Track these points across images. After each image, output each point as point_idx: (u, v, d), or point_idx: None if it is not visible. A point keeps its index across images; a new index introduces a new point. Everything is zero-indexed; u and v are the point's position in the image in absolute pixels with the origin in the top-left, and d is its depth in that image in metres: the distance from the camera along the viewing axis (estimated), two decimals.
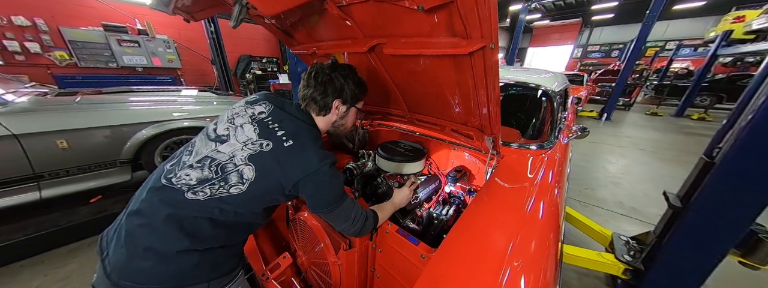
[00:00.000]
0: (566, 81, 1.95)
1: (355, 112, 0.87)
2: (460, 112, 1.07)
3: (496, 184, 1.01)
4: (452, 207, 1.36)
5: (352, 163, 1.38)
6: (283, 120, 0.70)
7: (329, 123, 0.82)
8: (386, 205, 0.97)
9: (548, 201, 0.94)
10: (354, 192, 1.01)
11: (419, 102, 1.22)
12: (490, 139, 1.09)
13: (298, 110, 0.76)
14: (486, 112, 0.91)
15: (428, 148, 1.62)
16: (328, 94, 0.75)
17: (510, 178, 1.06)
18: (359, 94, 0.82)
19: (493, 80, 0.74)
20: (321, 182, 0.65)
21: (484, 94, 0.81)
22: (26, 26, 3.92)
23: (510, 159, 1.21)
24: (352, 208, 0.75)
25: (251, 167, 0.63)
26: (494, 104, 0.84)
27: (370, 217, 0.81)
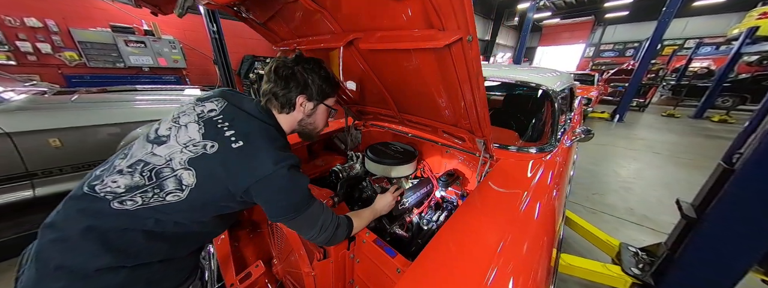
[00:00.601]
0: (571, 80, 1.83)
1: (326, 110, 0.80)
2: (448, 112, 1.00)
3: (488, 188, 0.93)
4: (444, 212, 1.28)
5: (338, 166, 1.32)
6: (235, 118, 0.63)
7: (295, 122, 0.75)
8: (365, 211, 0.90)
9: (545, 203, 0.86)
10: (334, 197, 0.95)
11: (408, 101, 1.15)
12: (482, 141, 1.01)
13: (257, 108, 0.69)
14: (474, 113, 0.84)
15: (421, 150, 1.55)
16: (290, 89, 0.69)
17: (504, 182, 0.98)
18: (328, 90, 0.75)
19: (476, 78, 0.67)
20: (277, 188, 0.59)
21: (470, 93, 0.74)
22: (38, 27, 4.04)
23: (506, 163, 1.13)
24: (319, 215, 0.68)
25: (191, 172, 0.57)
26: (481, 104, 0.77)
27: (343, 225, 0.74)
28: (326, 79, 0.74)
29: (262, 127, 0.65)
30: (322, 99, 0.76)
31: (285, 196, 0.61)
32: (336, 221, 0.73)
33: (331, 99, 0.80)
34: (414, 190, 1.32)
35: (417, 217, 1.25)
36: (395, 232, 1.14)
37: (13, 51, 3.95)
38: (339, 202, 0.97)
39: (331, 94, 0.78)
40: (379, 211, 0.96)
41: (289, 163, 0.60)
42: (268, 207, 0.62)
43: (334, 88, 0.78)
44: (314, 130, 0.81)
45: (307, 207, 0.65)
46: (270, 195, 0.60)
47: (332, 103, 0.81)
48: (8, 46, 3.90)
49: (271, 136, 0.63)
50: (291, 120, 0.75)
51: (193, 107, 0.66)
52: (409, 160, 1.31)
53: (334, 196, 0.95)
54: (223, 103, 0.66)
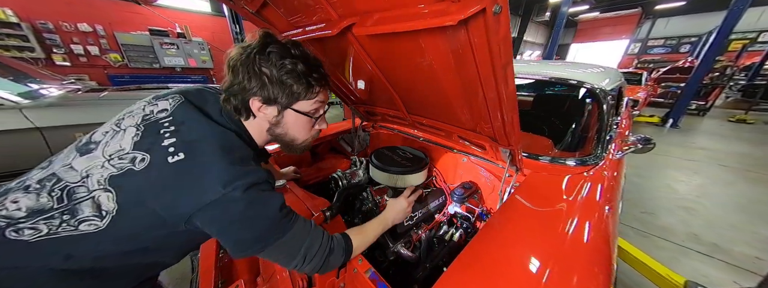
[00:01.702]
0: (620, 77, 1.52)
1: (302, 119, 0.58)
2: (466, 115, 0.81)
3: (520, 206, 0.75)
4: (458, 230, 1.09)
5: (339, 171, 1.19)
6: (185, 122, 0.50)
7: (263, 130, 0.58)
8: (370, 225, 0.72)
9: (595, 226, 0.67)
10: (327, 211, 0.81)
11: (417, 101, 0.98)
12: (507, 151, 0.81)
13: (221, 110, 0.56)
14: (499, 116, 0.65)
15: (433, 156, 1.36)
16: (246, 88, 0.50)
17: (537, 200, 0.78)
18: (298, 90, 0.53)
19: (504, 69, 0.49)
20: (231, 216, 0.45)
21: (494, 90, 0.56)
22: (88, 32, 4.49)
23: (538, 177, 0.91)
24: (302, 240, 0.53)
25: (111, 194, 0.44)
26: (509, 106, 0.58)
27: (337, 249, 0.59)
28: (294, 74, 0.51)
29: (218, 134, 0.50)
30: (290, 103, 0.54)
31: (244, 226, 0.46)
32: (328, 245, 0.57)
33: (308, 102, 0.56)
34: (428, 201, 1.15)
35: (426, 235, 1.07)
36: (399, 252, 0.98)
37: (68, 53, 4.43)
38: (333, 216, 0.83)
39: (304, 95, 0.54)
40: (391, 221, 0.79)
41: (247, 182, 0.45)
42: (224, 241, 0.47)
43: (311, 88, 0.55)
44: (292, 142, 0.62)
45: (281, 234, 0.50)
46: (223, 226, 0.46)
47: (310, 108, 0.57)
48: (64, 48, 4.41)
49: (227, 146, 0.48)
50: (256, 128, 0.58)
51: (143, 107, 0.54)
52: (419, 168, 1.14)
53: (326, 211, 0.81)
54: (177, 102, 0.53)
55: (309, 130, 0.62)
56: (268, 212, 0.49)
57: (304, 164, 1.43)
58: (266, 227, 0.48)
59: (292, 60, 0.50)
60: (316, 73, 0.55)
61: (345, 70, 1.06)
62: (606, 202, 0.80)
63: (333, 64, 1.06)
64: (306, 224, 0.56)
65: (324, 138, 1.52)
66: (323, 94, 0.60)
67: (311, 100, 0.57)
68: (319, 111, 0.61)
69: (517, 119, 0.64)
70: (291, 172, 1.11)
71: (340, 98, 1.34)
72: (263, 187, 0.49)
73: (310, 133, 0.64)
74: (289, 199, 0.91)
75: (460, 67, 0.60)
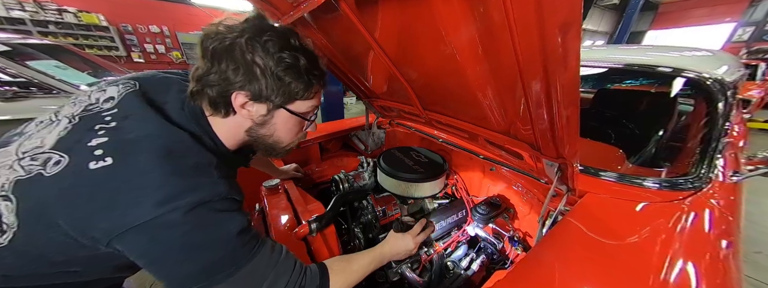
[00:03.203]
0: (740, 66, 1.07)
1: (294, 120, 0.48)
2: (496, 113, 0.60)
3: (574, 236, 0.55)
4: (480, 256, 0.88)
5: (342, 173, 1.06)
6: (129, 117, 0.40)
7: (240, 130, 0.47)
8: (361, 258, 0.58)
9: (708, 271, 0.46)
10: (313, 223, 0.68)
11: (432, 94, 0.79)
12: (555, 165, 0.58)
13: (184, 103, 0.44)
14: (546, 118, 0.44)
15: (454, 161, 1.14)
16: (230, 80, 0.40)
17: (602, 232, 0.55)
18: (299, 91, 0.44)
19: (561, 32, 0.28)
20: (164, 244, 0.35)
21: (543, 80, 0.35)
22: (157, 33, 5.17)
23: (598, 201, 0.65)
24: (264, 275, 0.41)
25: (10, 204, 0.35)
26: (567, 100, 0.38)
27: (311, 283, 0.46)
28: (295, 69, 0.41)
29: (165, 135, 0.39)
30: (285, 102, 0.44)
31: (184, 257, 0.36)
32: (297, 282, 0.45)
33: (305, 102, 0.46)
34: (441, 214, 0.95)
35: (438, 257, 0.89)
36: (404, 274, 0.81)
37: (142, 51, 5.20)
38: (320, 229, 0.70)
39: (302, 94, 0.45)
40: (389, 257, 0.64)
41: (193, 199, 0.35)
42: (155, 274, 0.37)
43: (311, 86, 0.45)
44: (277, 144, 0.50)
45: (236, 268, 0.39)
46: (154, 257, 0.36)
47: (306, 109, 0.48)
48: (139, 47, 5.20)
49: (174, 151, 0.38)
50: (232, 127, 0.46)
51: (90, 94, 0.44)
52: (435, 175, 0.95)
53: (313, 222, 0.69)
54: (128, 90, 0.43)
55: (298, 132, 0.52)
56: (221, 239, 0.38)
57: (312, 161, 1.34)
58: (216, 259, 0.37)
59: (292, 52, 0.41)
60: (317, 70, 0.46)
61: (354, 58, 0.92)
62: (721, 242, 0.52)
63: (340, 52, 0.92)
64: (273, 254, 0.44)
65: (336, 133, 1.41)
66: (319, 95, 0.50)
67: (309, 100, 0.47)
68: (313, 113, 0.51)
69: (576, 120, 0.41)
70: (291, 171, 1.02)
71: (353, 91, 1.20)
72: (219, 205, 0.38)
73: (297, 136, 0.53)
74: (276, 202, 0.80)
75: (489, 42, 0.40)
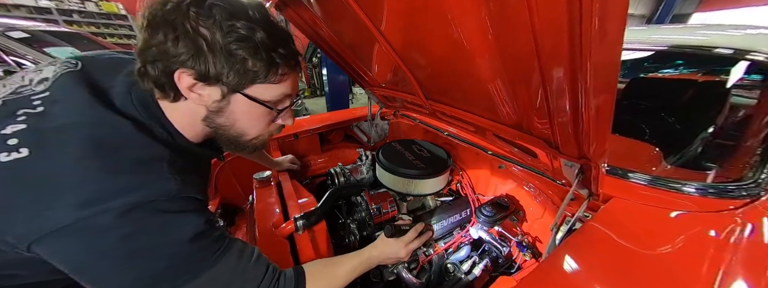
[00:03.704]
0: None
1: (258, 110, 0.40)
2: (507, 105, 0.51)
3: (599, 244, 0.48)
4: (484, 261, 0.82)
5: (339, 166, 1.01)
6: (59, 102, 0.34)
7: (196, 118, 0.40)
8: (346, 261, 0.53)
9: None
10: (300, 220, 0.64)
11: (437, 82, 0.70)
12: (576, 166, 0.49)
13: (132, 87, 0.38)
14: (569, 111, 0.35)
15: (460, 157, 1.06)
16: (169, 54, 0.33)
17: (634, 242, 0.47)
18: (257, 71, 0.36)
19: (606, 9, 0.19)
20: (93, 250, 0.30)
21: (566, 55, 0.27)
22: None
23: (628, 208, 0.55)
24: (228, 282, 0.38)
25: None
26: (601, 87, 0.29)
27: None
28: (249, 43, 0.34)
29: (98, 123, 0.33)
30: (240, 85, 0.36)
31: (121, 265, 0.31)
32: (270, 286, 0.41)
33: (268, 86, 0.38)
34: (442, 213, 0.89)
35: (438, 258, 0.83)
36: (400, 274, 0.77)
37: None
38: (308, 226, 0.65)
39: (263, 75, 0.37)
40: (378, 262, 0.58)
41: (130, 200, 0.30)
42: (87, 282, 0.32)
43: (274, 67, 0.37)
44: (241, 137, 0.43)
45: (191, 275, 0.35)
46: (82, 263, 0.31)
47: (271, 97, 0.40)
48: None
49: (108, 143, 0.32)
50: (186, 115, 0.39)
51: (24, 74, 0.39)
52: (437, 172, 0.87)
53: (300, 219, 0.64)
54: (64, 70, 0.38)
55: (266, 124, 0.43)
56: (168, 245, 0.33)
57: (311, 152, 1.30)
58: (161, 267, 0.33)
59: (247, 23, 0.33)
60: (282, 48, 0.37)
61: (352, 42, 0.83)
62: None
63: (337, 35, 0.84)
64: (240, 260, 0.40)
65: (337, 124, 1.35)
66: (292, 79, 0.41)
67: (274, 84, 0.39)
68: (284, 102, 0.43)
69: (609, 112, 0.32)
70: (286, 162, 0.98)
71: (354, 79, 1.13)
72: (166, 205, 0.33)
73: (268, 129, 0.45)
74: (265, 196, 0.76)
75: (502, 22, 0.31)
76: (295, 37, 0.41)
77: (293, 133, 1.21)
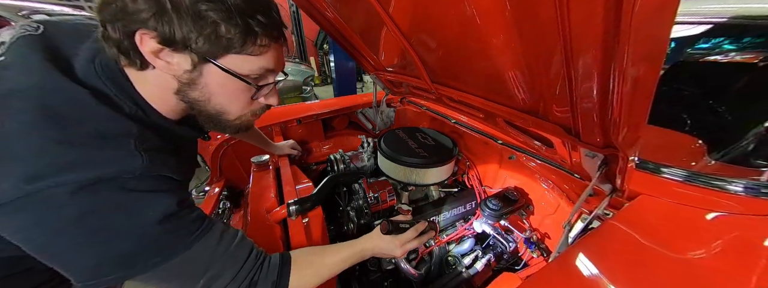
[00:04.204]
0: None
1: (235, 85, 0.36)
2: (522, 86, 0.45)
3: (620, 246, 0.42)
4: (487, 256, 0.78)
5: (339, 153, 0.97)
6: (11, 67, 0.31)
7: (169, 93, 0.36)
8: (336, 252, 0.50)
9: None
10: (292, 205, 0.61)
11: (444, 64, 0.63)
12: (598, 157, 0.43)
13: (97, 55, 0.34)
14: (595, 93, 0.29)
15: (468, 146, 0.99)
16: (128, 10, 0.29)
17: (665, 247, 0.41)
18: (232, 38, 0.32)
19: None
20: (45, 228, 0.28)
21: (600, 24, 0.20)
22: None
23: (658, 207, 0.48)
24: (205, 265, 0.36)
25: None
26: (643, 55, 0.22)
27: (264, 282, 0.40)
28: (222, 6, 0.30)
29: (51, 90, 0.30)
30: (212, 53, 0.32)
31: (81, 245, 0.29)
32: (250, 275, 0.39)
33: (246, 58, 0.34)
34: (446, 205, 0.85)
35: (439, 250, 0.80)
36: (398, 264, 0.75)
37: None
38: (303, 212, 0.63)
39: (239, 44, 0.32)
40: (370, 254, 0.54)
41: (85, 176, 0.28)
42: (49, 261, 0.30)
43: (252, 36, 0.33)
44: (221, 115, 0.39)
45: (161, 259, 0.33)
46: (38, 240, 0.29)
47: (250, 70, 0.35)
48: None
49: (62, 113, 0.29)
50: (157, 87, 0.35)
51: None
52: (442, 161, 0.82)
53: (293, 204, 0.62)
54: (23, 33, 0.34)
55: (247, 102, 0.39)
56: (134, 226, 0.31)
57: (314, 138, 1.27)
58: (128, 249, 0.31)
59: None
60: (262, 16, 0.33)
61: (356, 22, 0.77)
62: None
63: (340, 14, 0.77)
64: (220, 243, 0.38)
65: (342, 110, 1.31)
66: (275, 53, 0.37)
67: (252, 56, 0.34)
68: (266, 78, 0.38)
69: (649, 91, 0.26)
70: (286, 147, 0.96)
71: (358, 63, 1.07)
72: (132, 184, 0.30)
73: (250, 108, 0.41)
74: (261, 180, 0.75)
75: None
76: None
77: (296, 119, 1.18)
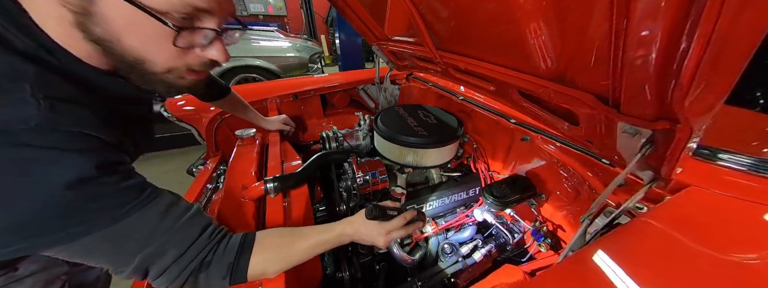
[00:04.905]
0: None
1: (148, 23, 0.26)
2: (547, 47, 0.34)
3: (670, 247, 0.32)
4: (488, 246, 0.71)
5: (333, 130, 0.90)
6: None
7: (65, 24, 0.27)
8: (313, 233, 0.44)
9: None
10: (270, 182, 0.55)
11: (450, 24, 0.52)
12: (645, 134, 0.32)
13: None
14: (659, 38, 0.18)
15: (476, 126, 0.88)
16: None
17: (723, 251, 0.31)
18: None
19: None
20: None
21: None
22: None
23: (712, 202, 0.37)
24: (144, 240, 0.31)
25: None
26: None
27: (217, 264, 0.35)
28: None
29: None
30: None
31: None
32: (201, 253, 0.34)
33: None
34: (446, 190, 0.77)
35: (437, 237, 0.74)
36: (391, 250, 0.70)
37: None
38: (279, 190, 0.56)
39: None
40: (350, 240, 0.48)
41: None
42: None
43: None
44: (140, 64, 0.30)
45: (83, 230, 0.28)
46: None
47: (175, 7, 0.27)
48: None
49: None
50: (53, 18, 0.27)
51: None
52: (443, 141, 0.73)
53: (271, 181, 0.56)
54: None
55: (176, 52, 0.30)
56: (38, 188, 0.25)
57: (312, 116, 1.20)
58: (32, 213, 0.26)
59: None
60: None
61: None
62: None
63: None
64: (166, 216, 0.33)
65: (342, 85, 1.22)
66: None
67: None
68: (199, 21, 0.30)
69: (756, 40, 0.15)
70: (277, 122, 0.89)
71: (360, 33, 0.96)
72: (27, 137, 0.25)
73: (184, 60, 0.32)
74: (243, 155, 0.69)
75: None
76: None
77: (292, 93, 1.11)
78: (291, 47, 2.86)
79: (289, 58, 2.78)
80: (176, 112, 0.94)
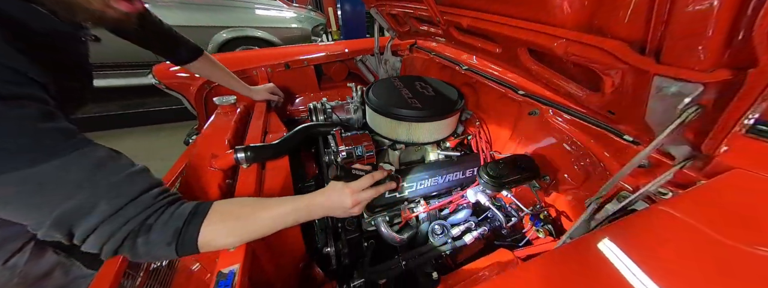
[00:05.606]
0: None
1: None
2: None
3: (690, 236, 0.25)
4: (479, 229, 0.67)
5: (322, 102, 0.83)
6: None
7: None
8: (279, 204, 0.40)
9: None
10: (242, 151, 0.50)
11: None
12: (696, 89, 0.23)
13: None
14: None
15: (479, 100, 0.79)
16: None
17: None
18: None
19: None
20: None
21: None
22: None
23: (756, 187, 0.29)
24: (61, 193, 0.27)
25: None
26: None
27: (162, 229, 0.31)
28: None
29: None
30: None
31: None
32: (140, 216, 0.30)
33: None
34: (440, 168, 0.71)
35: (427, 216, 0.70)
36: (378, 227, 0.67)
37: None
38: (252, 160, 0.51)
39: None
40: (322, 213, 0.44)
41: None
42: None
43: None
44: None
45: None
46: None
47: None
48: None
49: None
50: None
51: None
52: (440, 114, 0.65)
53: (244, 150, 0.51)
54: None
55: None
56: None
57: (306, 88, 1.13)
58: None
59: None
60: None
61: None
62: None
63: None
64: (98, 170, 0.29)
65: (338, 56, 1.12)
66: None
67: None
68: None
69: None
70: (264, 91, 0.83)
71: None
72: None
73: None
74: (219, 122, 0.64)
75: None
76: None
77: (283, 63, 1.03)
78: (294, 18, 2.69)
79: (293, 30, 2.62)
80: (164, 79, 0.89)
